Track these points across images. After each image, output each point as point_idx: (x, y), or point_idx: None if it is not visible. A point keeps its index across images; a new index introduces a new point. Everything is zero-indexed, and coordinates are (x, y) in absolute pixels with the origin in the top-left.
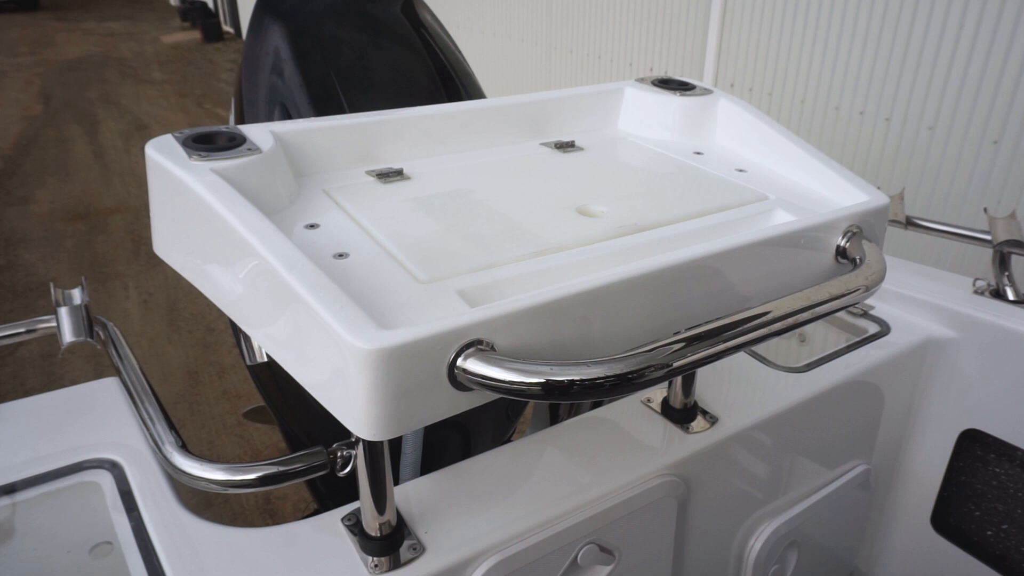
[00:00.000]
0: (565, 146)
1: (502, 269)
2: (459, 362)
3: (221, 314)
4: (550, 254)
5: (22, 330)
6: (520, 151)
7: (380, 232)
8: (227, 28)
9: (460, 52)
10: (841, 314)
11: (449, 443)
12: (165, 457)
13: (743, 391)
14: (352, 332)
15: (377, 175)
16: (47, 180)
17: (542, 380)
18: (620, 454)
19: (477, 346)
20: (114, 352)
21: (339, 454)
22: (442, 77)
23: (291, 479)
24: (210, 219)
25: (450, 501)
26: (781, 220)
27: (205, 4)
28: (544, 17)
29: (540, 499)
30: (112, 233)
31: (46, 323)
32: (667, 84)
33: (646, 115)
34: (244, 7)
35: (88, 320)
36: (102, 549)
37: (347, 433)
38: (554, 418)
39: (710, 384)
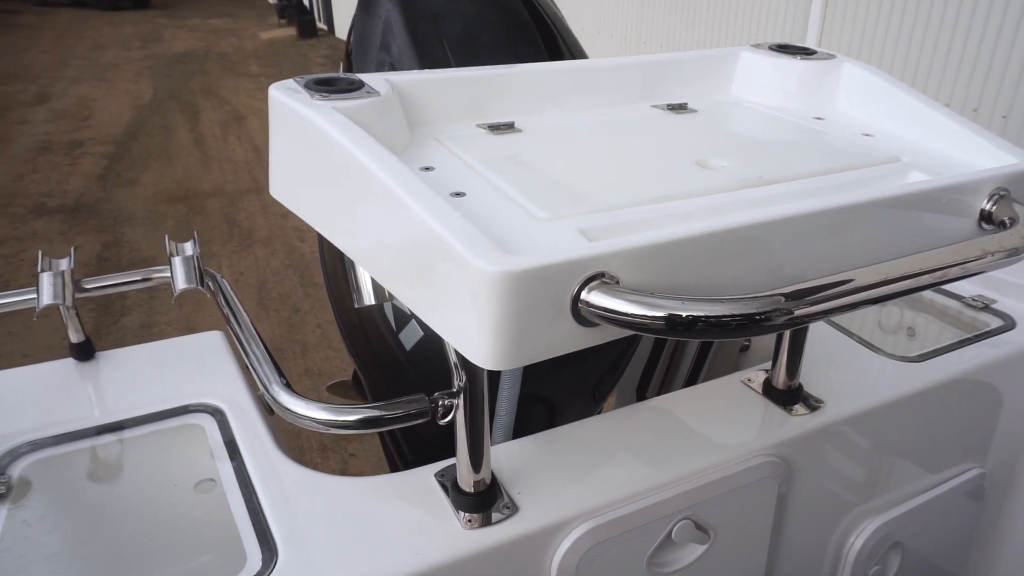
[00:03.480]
0: (677, 108)
1: (623, 212)
2: (583, 295)
3: (305, 295)
4: (671, 201)
5: (138, 278)
6: (631, 111)
7: (495, 175)
8: (321, 25)
9: (566, 22)
10: (959, 307)
11: (533, 418)
12: (272, 396)
13: (850, 377)
14: (479, 256)
15: (488, 127)
16: (152, 164)
17: (665, 314)
18: (719, 431)
19: (601, 279)
20: (223, 301)
21: (440, 403)
22: (548, 45)
23: (391, 424)
24: (334, 153)
25: (543, 465)
26: (916, 180)
27: (301, 2)
28: (635, 13)
29: (636, 470)
30: (209, 215)
31: (160, 273)
32: (785, 49)
33: (762, 80)
34: (337, 5)
35: (199, 270)
36: (205, 485)
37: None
38: (641, 399)
39: (815, 367)
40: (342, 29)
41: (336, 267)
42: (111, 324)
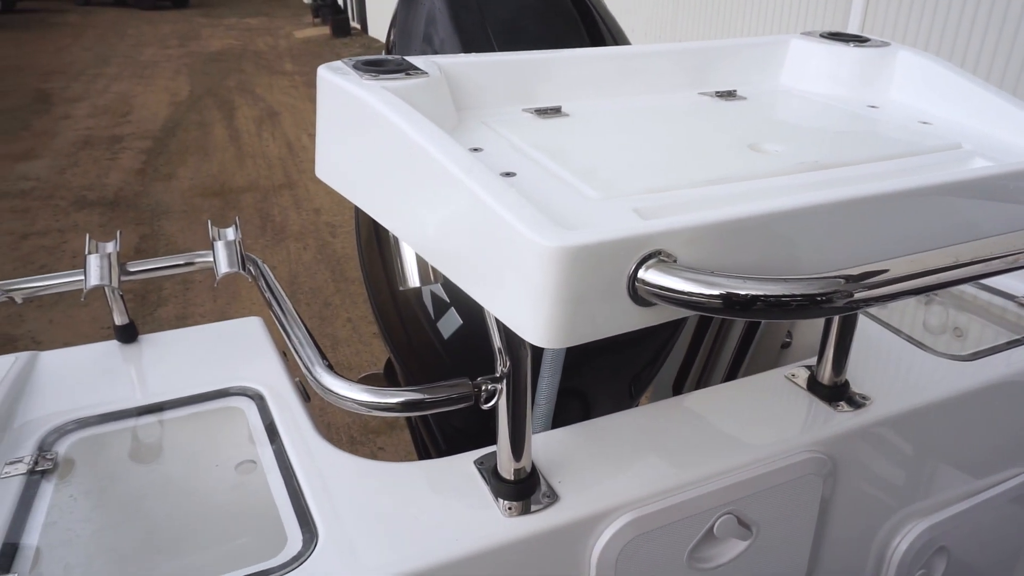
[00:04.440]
0: (726, 95)
1: (677, 193)
2: (640, 273)
3: (337, 290)
4: (726, 183)
5: (182, 262)
6: (678, 98)
7: (545, 156)
8: (354, 24)
9: (611, 12)
10: (1010, 306)
11: (569, 413)
12: (315, 378)
13: (898, 374)
14: (536, 231)
15: (535, 111)
16: (189, 159)
17: (723, 292)
18: (763, 425)
19: (659, 257)
20: (264, 285)
21: (483, 387)
22: (592, 35)
23: (434, 407)
24: (384, 131)
25: (583, 455)
26: (980, 166)
27: (335, 1)
28: (670, 9)
29: (678, 462)
30: (243, 210)
31: (203, 257)
32: (837, 37)
33: (813, 68)
34: (371, 5)
35: (241, 255)
36: (246, 467)
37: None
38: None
39: (861, 364)
40: (375, 28)
41: (373, 257)
42: (147, 315)
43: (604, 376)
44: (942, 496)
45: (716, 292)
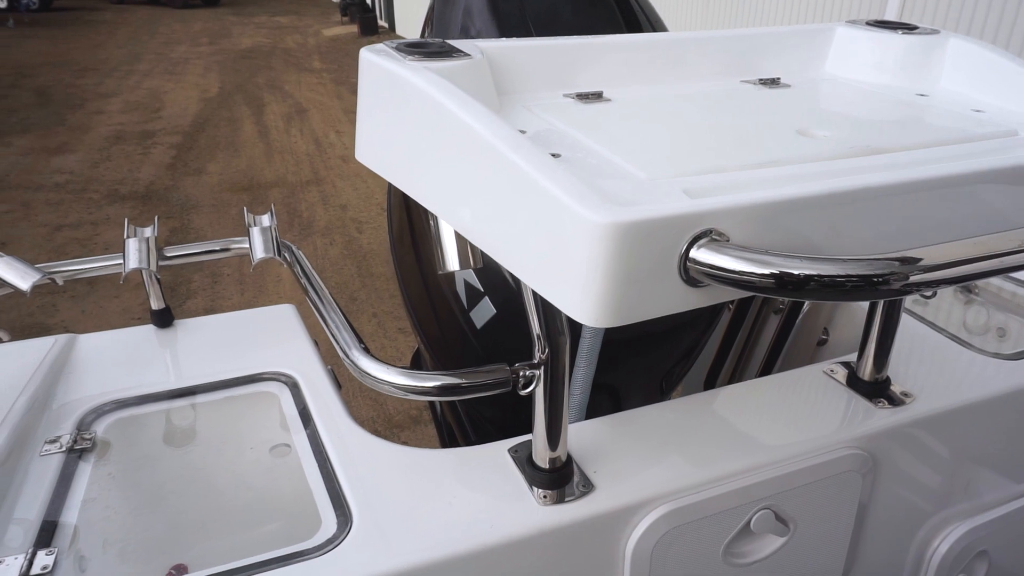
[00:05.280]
0: (769, 82)
1: (727, 175)
2: (692, 252)
3: (362, 285)
4: (776, 166)
5: (218, 248)
6: (720, 85)
7: (590, 139)
8: (382, 23)
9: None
10: None
11: (599, 407)
12: (352, 361)
13: (941, 372)
14: (587, 207)
15: (576, 96)
16: (218, 155)
17: (776, 272)
18: (801, 420)
19: (711, 236)
20: (299, 271)
21: (522, 373)
22: (628, 22)
23: (471, 392)
24: (429, 110)
25: (619, 446)
26: None
27: (363, 0)
28: (700, 7)
29: (715, 455)
30: (271, 205)
31: (239, 243)
32: (884, 25)
33: (860, 56)
34: (399, 3)
35: (276, 241)
36: (280, 450)
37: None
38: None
39: (903, 360)
40: (403, 27)
41: (405, 248)
42: (176, 307)
43: (636, 371)
44: (984, 498)
45: (769, 271)
